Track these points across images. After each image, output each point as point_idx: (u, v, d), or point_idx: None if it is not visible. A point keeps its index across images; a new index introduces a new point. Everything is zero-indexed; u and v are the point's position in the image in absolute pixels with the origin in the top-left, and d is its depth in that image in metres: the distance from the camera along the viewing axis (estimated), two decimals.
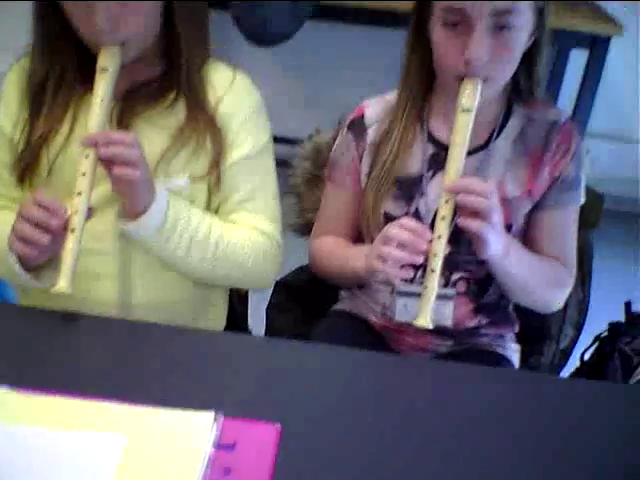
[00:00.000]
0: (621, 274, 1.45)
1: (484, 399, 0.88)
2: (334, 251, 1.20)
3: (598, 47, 2.16)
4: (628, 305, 1.57)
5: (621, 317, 1.61)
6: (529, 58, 1.05)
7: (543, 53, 1.05)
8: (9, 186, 1.09)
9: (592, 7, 2.33)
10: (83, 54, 1.03)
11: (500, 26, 0.96)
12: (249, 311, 1.35)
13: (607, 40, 2.17)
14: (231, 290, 1.24)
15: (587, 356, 1.53)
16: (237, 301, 1.28)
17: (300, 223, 1.35)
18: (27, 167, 1.06)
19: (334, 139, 1.29)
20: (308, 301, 1.39)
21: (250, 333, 1.34)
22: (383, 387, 0.90)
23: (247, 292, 1.32)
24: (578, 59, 2.35)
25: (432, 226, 1.01)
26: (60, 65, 1.04)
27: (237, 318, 1.28)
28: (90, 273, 1.04)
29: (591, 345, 1.56)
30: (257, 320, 1.39)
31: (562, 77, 2.48)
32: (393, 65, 2.79)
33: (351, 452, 0.75)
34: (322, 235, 1.23)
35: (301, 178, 1.35)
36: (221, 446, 0.72)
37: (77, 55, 1.04)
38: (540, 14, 1.00)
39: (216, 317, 1.20)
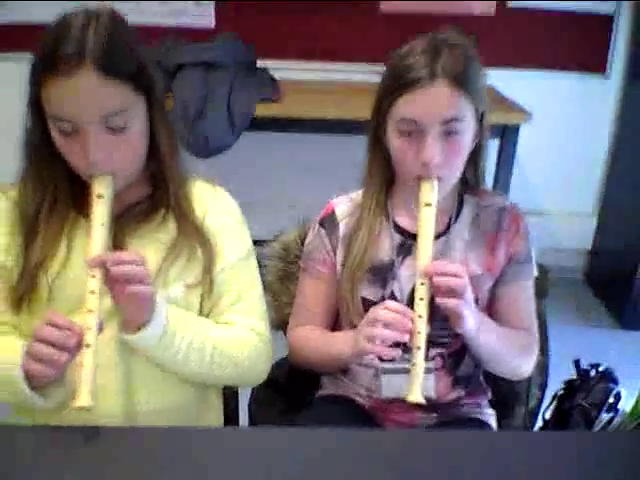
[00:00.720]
0: (562, 336, 1.59)
1: (476, 460, 0.97)
2: (315, 339, 1.28)
3: (509, 135, 2.41)
4: (577, 363, 1.71)
5: (570, 375, 1.74)
6: (474, 156, 1.20)
7: (485, 151, 1.22)
8: (1, 311, 1.12)
9: (500, 99, 2.61)
10: (72, 182, 1.11)
11: (449, 132, 1.11)
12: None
13: (517, 128, 2.43)
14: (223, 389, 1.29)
15: (548, 414, 1.65)
16: (229, 399, 1.33)
17: (277, 319, 1.43)
18: (25, 292, 1.09)
19: (300, 237, 1.41)
20: (289, 393, 1.44)
21: None
22: (387, 461, 0.96)
23: (237, 390, 1.37)
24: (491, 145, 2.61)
25: (408, 306, 1.11)
26: (52, 194, 1.10)
27: (230, 415, 1.32)
28: None
29: (550, 404, 1.68)
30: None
31: None
32: (324, 166, 3.00)
33: None
34: (300, 325, 1.32)
35: (273, 276, 1.44)
36: None
37: (67, 183, 1.11)
38: (481, 120, 1.17)
39: (214, 416, 1.25)
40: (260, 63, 2.74)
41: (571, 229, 3.10)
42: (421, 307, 1.08)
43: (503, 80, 2.65)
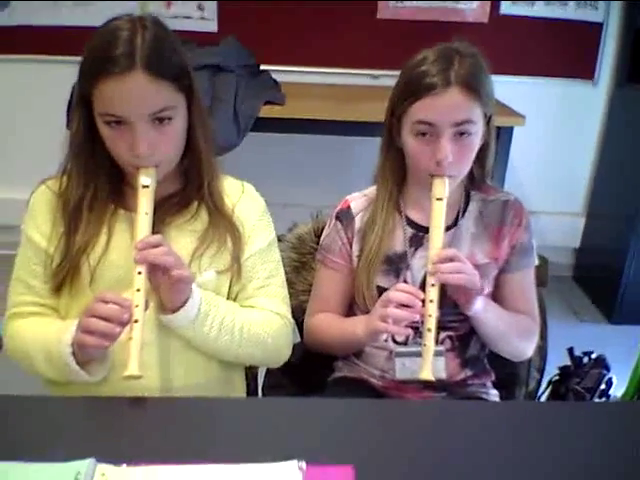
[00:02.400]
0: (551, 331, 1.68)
1: (493, 427, 1.07)
2: (332, 324, 1.38)
3: (503, 137, 2.52)
4: (571, 351, 1.82)
5: (563, 362, 1.84)
6: (481, 155, 1.30)
7: (491, 151, 1.32)
8: (42, 295, 1.21)
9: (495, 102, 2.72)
10: (111, 176, 1.20)
11: (461, 133, 1.22)
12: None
13: (511, 130, 2.54)
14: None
15: (544, 399, 1.76)
16: (249, 381, 1.42)
17: (292, 305, 1.52)
18: (66, 277, 1.18)
19: (314, 229, 1.50)
20: (301, 378, 1.53)
21: None
22: (412, 428, 1.06)
23: (257, 372, 1.46)
24: None
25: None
26: (93, 187, 1.19)
27: (250, 394, 1.41)
28: None
29: (546, 389, 1.78)
30: None
31: None
32: (325, 166, 3.08)
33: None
34: (317, 313, 1.41)
35: (288, 266, 1.52)
36: None
37: (107, 178, 1.20)
38: (488, 122, 1.27)
39: (238, 394, 1.33)
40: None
41: (560, 228, 3.21)
42: (432, 292, 1.18)
43: (495, 86, 2.78)
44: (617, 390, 1.82)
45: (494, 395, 1.41)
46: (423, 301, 1.17)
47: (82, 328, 1.06)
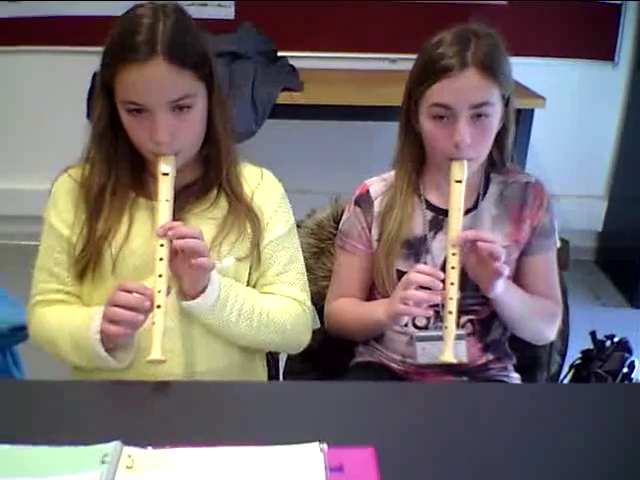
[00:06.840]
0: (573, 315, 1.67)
1: (515, 409, 1.07)
2: (353, 308, 1.38)
3: (524, 119, 2.49)
4: (593, 334, 1.80)
5: (585, 346, 1.83)
6: (500, 137, 1.29)
7: (510, 133, 1.31)
8: (66, 282, 1.23)
9: (515, 85, 2.69)
10: (132, 165, 1.21)
11: (478, 115, 1.21)
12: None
13: (531, 112, 2.52)
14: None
15: (566, 382, 1.75)
16: (270, 366, 1.43)
17: (312, 291, 1.53)
18: (89, 263, 1.19)
19: (333, 215, 1.50)
20: (322, 363, 1.54)
21: None
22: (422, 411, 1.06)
23: (278, 358, 1.47)
24: None
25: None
26: (116, 175, 1.20)
27: (271, 380, 1.43)
28: None
29: (568, 373, 1.77)
30: None
31: None
32: (344, 151, 3.05)
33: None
34: (337, 298, 1.41)
35: (308, 252, 1.53)
36: (332, 469, 0.87)
37: (129, 166, 1.21)
38: (506, 104, 1.26)
39: (259, 379, 1.34)
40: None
41: (582, 211, 3.18)
42: (453, 275, 1.18)
43: (515, 68, 2.75)
44: (639, 373, 1.81)
45: (515, 379, 1.41)
46: (444, 282, 1.18)
47: (106, 318, 1.07)
